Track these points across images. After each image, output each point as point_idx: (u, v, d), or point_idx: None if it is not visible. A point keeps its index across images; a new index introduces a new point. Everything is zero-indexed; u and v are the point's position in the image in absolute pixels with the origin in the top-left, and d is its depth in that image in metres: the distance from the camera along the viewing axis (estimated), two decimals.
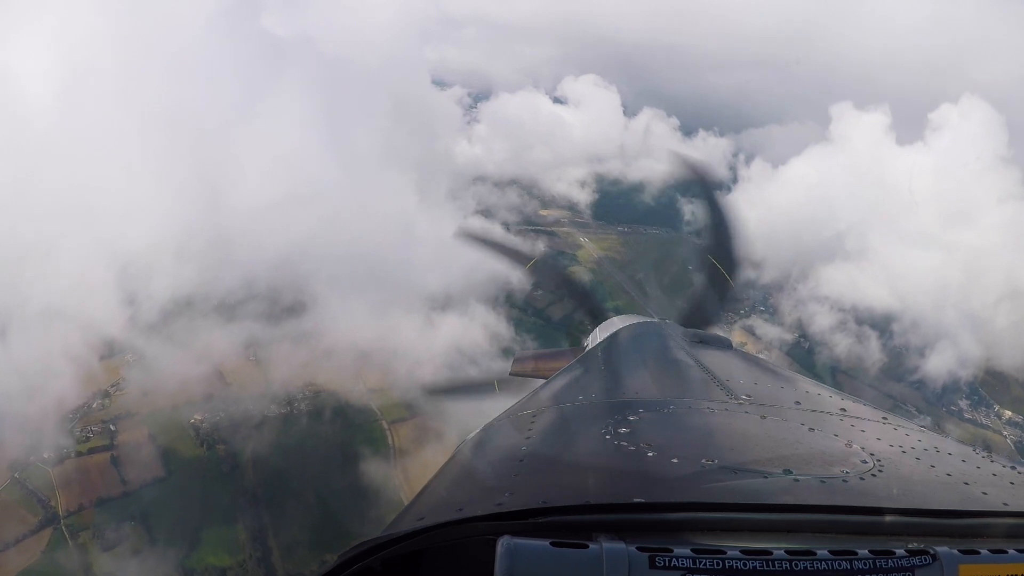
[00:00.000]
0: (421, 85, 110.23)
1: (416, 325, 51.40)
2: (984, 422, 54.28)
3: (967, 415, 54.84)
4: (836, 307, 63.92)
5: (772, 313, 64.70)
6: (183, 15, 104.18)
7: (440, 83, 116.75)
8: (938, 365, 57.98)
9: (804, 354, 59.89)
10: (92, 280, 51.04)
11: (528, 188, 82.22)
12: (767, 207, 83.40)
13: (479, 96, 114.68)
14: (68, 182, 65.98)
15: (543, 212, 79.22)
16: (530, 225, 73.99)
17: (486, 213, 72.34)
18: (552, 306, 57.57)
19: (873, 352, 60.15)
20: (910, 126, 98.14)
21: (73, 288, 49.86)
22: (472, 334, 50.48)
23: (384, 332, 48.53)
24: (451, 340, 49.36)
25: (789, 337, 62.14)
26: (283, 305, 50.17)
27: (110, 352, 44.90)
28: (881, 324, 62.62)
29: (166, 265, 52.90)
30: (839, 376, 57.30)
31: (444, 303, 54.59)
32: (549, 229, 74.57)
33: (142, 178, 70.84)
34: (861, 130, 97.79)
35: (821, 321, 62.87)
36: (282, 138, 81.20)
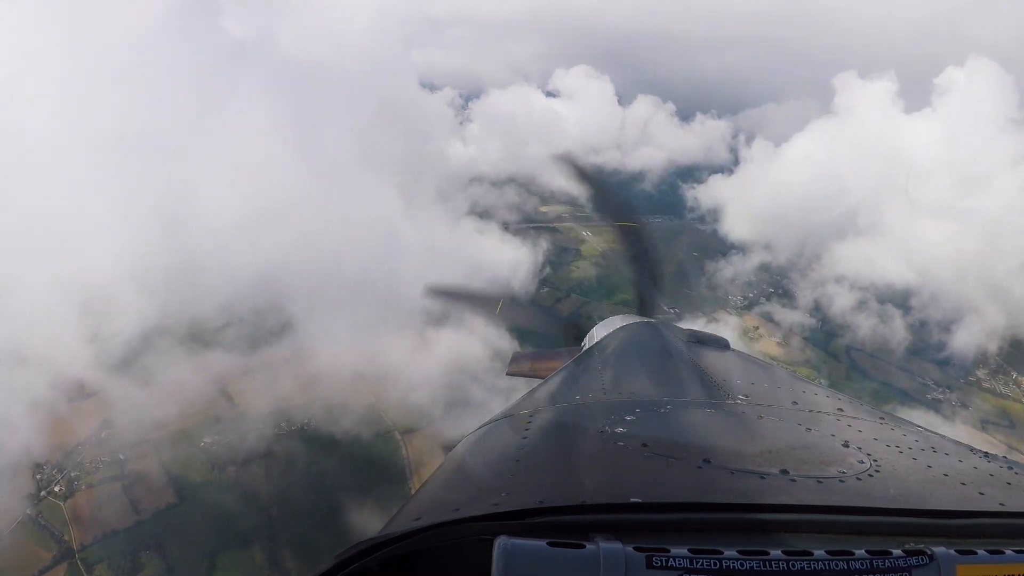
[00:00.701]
0: (407, 87, 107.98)
1: (411, 342, 49.31)
2: (1004, 391, 53.76)
3: (986, 385, 54.38)
4: (854, 286, 63.07)
5: (788, 297, 64.09)
6: (134, 15, 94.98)
7: (430, 86, 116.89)
8: (966, 340, 57.00)
9: (825, 338, 59.11)
10: (64, 313, 48.85)
11: (526, 185, 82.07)
12: (773, 187, 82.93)
13: (470, 96, 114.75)
14: (10, 209, 59.32)
15: (543, 209, 78.97)
16: (531, 223, 73.79)
17: (484, 214, 71.90)
18: (559, 303, 57.59)
19: (897, 331, 58.99)
20: (914, 94, 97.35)
21: (49, 322, 48.13)
22: (472, 349, 48.48)
23: (380, 349, 47.11)
24: (450, 356, 47.80)
25: (808, 321, 61.04)
26: (277, 323, 49.00)
27: (103, 385, 44.58)
28: (901, 300, 61.65)
29: (150, 290, 50.48)
30: (854, 354, 56.80)
31: (440, 316, 52.06)
32: (550, 225, 74.40)
33: (97, 199, 64.61)
34: (867, 100, 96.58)
35: (841, 302, 62.00)
36: (255, 149, 76.28)
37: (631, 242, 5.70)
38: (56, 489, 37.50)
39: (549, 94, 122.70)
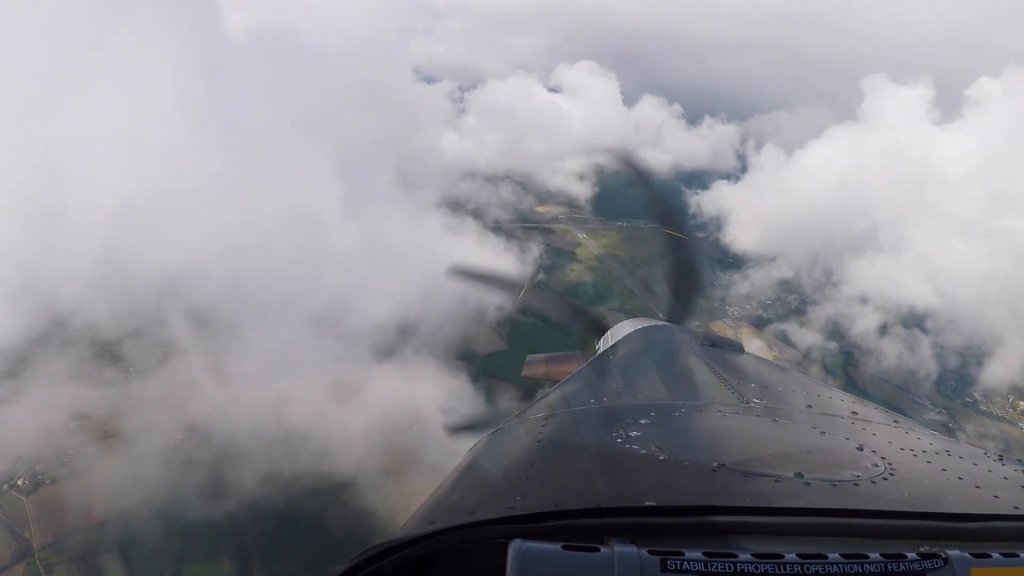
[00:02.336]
0: (389, 69, 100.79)
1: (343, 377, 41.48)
2: (1000, 414, 54.14)
3: (983, 407, 54.73)
4: (865, 303, 62.01)
5: (790, 311, 63.43)
6: None
7: (428, 78, 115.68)
8: (999, 374, 55.47)
9: (824, 353, 58.79)
10: None
11: (523, 183, 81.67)
12: (785, 196, 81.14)
13: (468, 89, 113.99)
14: None
15: (540, 209, 78.49)
16: (525, 222, 73.39)
17: (476, 212, 70.51)
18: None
19: (926, 360, 57.16)
20: (940, 104, 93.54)
21: None
22: (423, 395, 41.06)
23: (302, 383, 40.28)
24: (392, 403, 40.62)
25: (827, 344, 59.56)
26: (171, 340, 43.64)
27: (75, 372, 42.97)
28: (916, 321, 60.40)
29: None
30: (851, 371, 56.84)
31: (399, 339, 45.03)
32: (545, 226, 74.16)
33: None
34: (896, 107, 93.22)
35: (848, 319, 60.90)
36: (158, 118, 60.54)
37: (674, 251, 5.91)
38: (19, 483, 36.88)
39: (551, 90, 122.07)
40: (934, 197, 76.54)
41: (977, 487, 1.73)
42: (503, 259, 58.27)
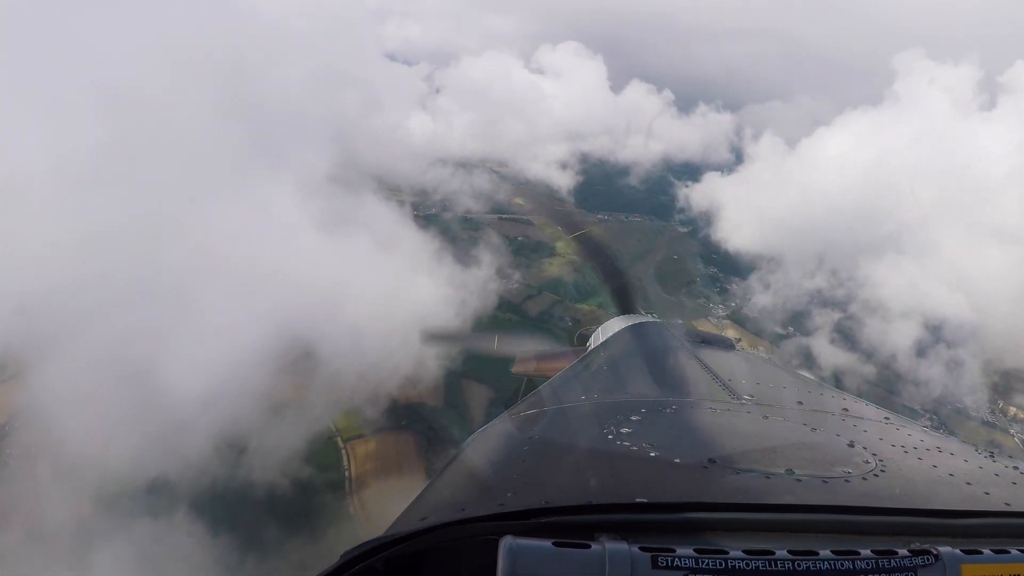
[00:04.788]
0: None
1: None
2: (990, 420, 55.55)
3: (973, 413, 55.94)
4: (869, 309, 61.10)
5: (784, 311, 63.09)
6: None
7: (398, 59, 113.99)
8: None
9: (807, 352, 58.93)
10: None
11: (499, 170, 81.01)
12: (788, 190, 79.59)
13: (441, 66, 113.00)
14: None
15: (518, 200, 77.88)
16: (499, 213, 72.88)
17: (444, 203, 69.24)
18: (529, 301, 57.58)
19: (970, 386, 55.86)
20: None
21: None
22: None
23: None
24: None
25: (802, 339, 58.73)
26: None
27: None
28: (942, 336, 59.22)
29: None
30: (840, 375, 57.66)
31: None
32: (524, 218, 73.85)
33: None
34: (926, 92, 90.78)
35: (856, 322, 59.81)
36: None
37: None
38: None
39: (533, 72, 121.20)
40: (963, 195, 73.77)
41: (968, 484, 1.84)
42: (427, 260, 51.42)
